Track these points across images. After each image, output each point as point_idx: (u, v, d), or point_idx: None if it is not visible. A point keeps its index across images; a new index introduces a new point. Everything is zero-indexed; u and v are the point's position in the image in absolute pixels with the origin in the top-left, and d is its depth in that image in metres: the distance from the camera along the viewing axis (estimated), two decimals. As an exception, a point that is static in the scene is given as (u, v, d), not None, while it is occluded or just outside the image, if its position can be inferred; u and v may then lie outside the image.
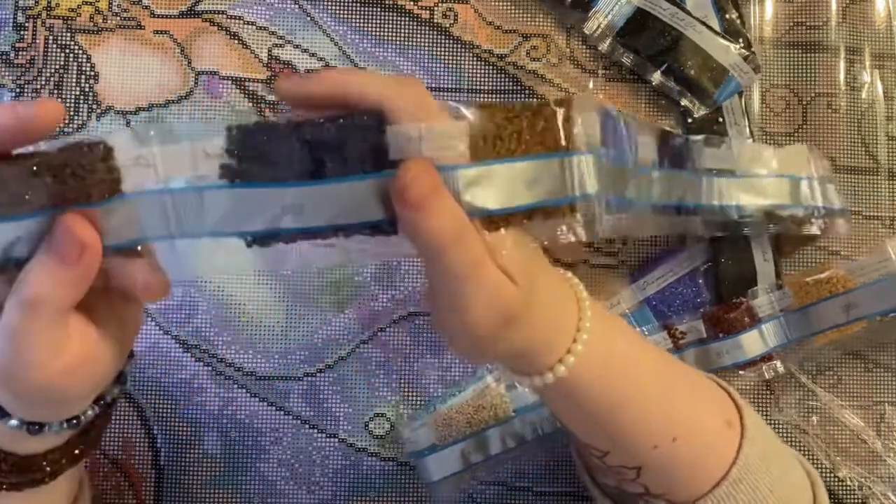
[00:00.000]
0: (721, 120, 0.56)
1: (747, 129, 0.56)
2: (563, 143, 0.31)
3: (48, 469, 0.36)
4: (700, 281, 0.56)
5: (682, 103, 0.56)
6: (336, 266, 0.54)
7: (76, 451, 0.37)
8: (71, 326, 0.30)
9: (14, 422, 0.33)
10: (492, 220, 0.30)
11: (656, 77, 0.56)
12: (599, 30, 0.56)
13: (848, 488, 0.54)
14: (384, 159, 0.29)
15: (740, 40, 0.55)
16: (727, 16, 0.55)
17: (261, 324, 0.54)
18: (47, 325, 0.29)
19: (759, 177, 0.51)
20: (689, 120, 0.56)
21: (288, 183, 0.29)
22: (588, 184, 0.31)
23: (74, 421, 0.35)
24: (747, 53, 0.54)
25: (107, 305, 0.32)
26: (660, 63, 0.55)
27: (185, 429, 0.53)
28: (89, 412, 0.36)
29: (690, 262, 0.55)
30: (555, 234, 0.32)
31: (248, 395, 0.53)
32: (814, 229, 0.52)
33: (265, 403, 0.53)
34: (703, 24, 0.54)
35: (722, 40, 0.54)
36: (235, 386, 0.53)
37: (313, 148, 0.29)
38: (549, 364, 0.34)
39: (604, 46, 0.56)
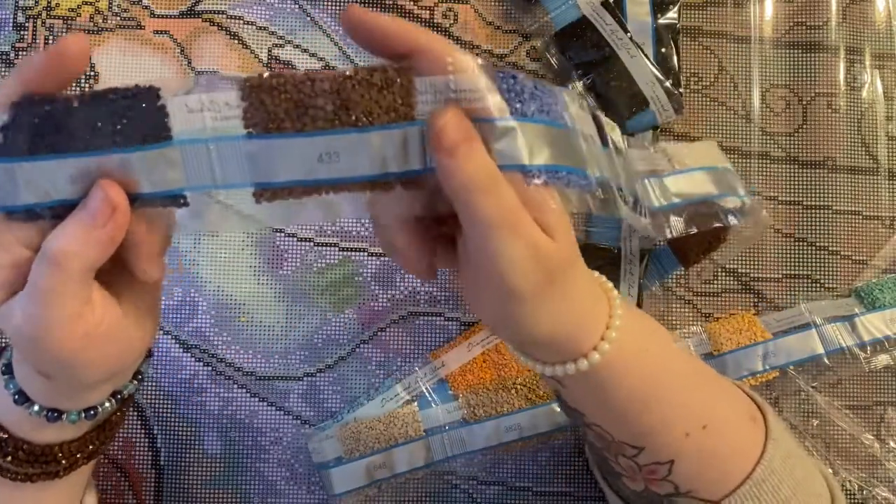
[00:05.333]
0: None
1: None
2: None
3: (63, 462, 0.37)
4: None
5: None
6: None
7: (90, 447, 0.38)
8: (94, 295, 0.31)
9: (35, 407, 0.35)
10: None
11: (577, 87, 0.56)
12: (537, 24, 0.56)
13: (848, 491, 0.54)
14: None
15: (671, 77, 0.55)
16: (662, 49, 0.55)
17: (261, 324, 0.54)
18: (72, 284, 0.30)
19: (686, 171, 0.48)
20: None
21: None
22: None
23: (91, 412, 0.36)
24: (674, 92, 0.54)
25: (127, 289, 0.33)
26: (584, 75, 0.55)
27: (185, 429, 0.53)
28: (106, 404, 0.37)
29: None
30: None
31: (248, 395, 0.53)
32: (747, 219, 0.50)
33: (265, 403, 0.53)
34: (640, 49, 0.54)
35: (652, 71, 0.54)
36: (235, 386, 0.53)
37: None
38: (583, 350, 0.34)
39: (538, 42, 0.56)
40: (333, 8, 0.57)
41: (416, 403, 0.52)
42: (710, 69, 0.58)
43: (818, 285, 0.56)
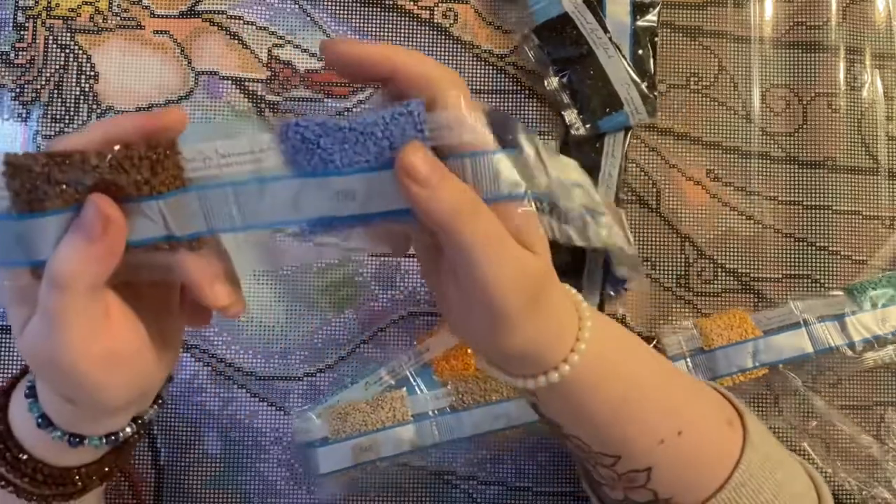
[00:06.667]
0: (599, 146, 0.55)
1: (618, 165, 0.55)
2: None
3: (79, 484, 0.37)
4: None
5: (567, 117, 0.55)
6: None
7: (107, 469, 0.38)
8: (112, 311, 0.31)
9: (57, 433, 0.35)
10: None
11: (552, 82, 0.55)
12: (518, 18, 0.56)
13: (847, 491, 0.54)
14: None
15: (646, 80, 0.55)
16: (639, 51, 0.55)
17: (261, 324, 0.54)
18: (79, 303, 0.29)
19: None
20: (567, 136, 0.56)
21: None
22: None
23: (113, 437, 0.36)
24: (649, 95, 0.54)
25: (152, 315, 0.33)
26: (561, 71, 0.55)
27: (185, 429, 0.53)
28: (127, 429, 0.37)
29: None
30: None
31: (248, 395, 0.53)
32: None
33: (265, 403, 0.54)
34: (618, 49, 0.54)
35: (629, 73, 0.54)
36: (235, 386, 0.53)
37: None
38: (554, 362, 0.34)
39: (518, 36, 0.57)
40: (333, 8, 0.57)
41: (405, 388, 0.52)
42: (710, 69, 0.58)
43: (818, 285, 0.56)
